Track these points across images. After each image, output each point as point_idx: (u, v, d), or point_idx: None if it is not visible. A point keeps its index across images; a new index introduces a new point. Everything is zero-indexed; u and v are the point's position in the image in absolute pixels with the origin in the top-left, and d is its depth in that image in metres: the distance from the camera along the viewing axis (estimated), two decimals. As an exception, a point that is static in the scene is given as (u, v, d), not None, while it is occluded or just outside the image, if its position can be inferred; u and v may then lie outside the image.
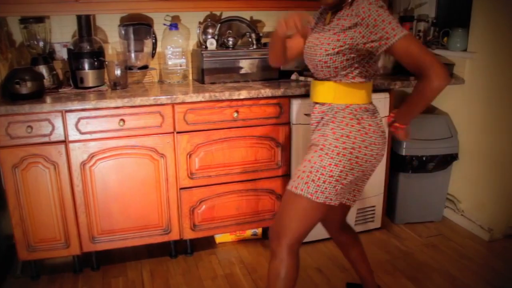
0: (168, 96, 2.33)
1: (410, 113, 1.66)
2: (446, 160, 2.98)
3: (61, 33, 2.75)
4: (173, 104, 2.36)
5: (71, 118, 2.27)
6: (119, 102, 2.28)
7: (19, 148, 2.24)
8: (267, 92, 2.46)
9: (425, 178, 2.99)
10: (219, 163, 2.52)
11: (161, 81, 2.89)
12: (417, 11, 3.47)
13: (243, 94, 2.43)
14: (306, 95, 2.53)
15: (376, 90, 2.69)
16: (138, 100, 2.30)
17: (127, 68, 2.64)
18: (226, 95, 2.40)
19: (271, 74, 2.78)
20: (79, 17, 2.57)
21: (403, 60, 1.55)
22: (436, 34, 3.25)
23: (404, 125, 1.70)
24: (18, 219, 2.31)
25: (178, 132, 2.41)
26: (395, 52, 1.53)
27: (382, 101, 2.74)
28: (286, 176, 2.64)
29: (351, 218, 2.86)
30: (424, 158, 2.92)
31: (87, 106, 2.25)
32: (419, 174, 2.97)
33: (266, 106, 2.50)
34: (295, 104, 2.54)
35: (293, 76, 2.80)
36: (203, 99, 2.38)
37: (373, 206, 2.93)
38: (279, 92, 2.48)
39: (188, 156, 2.45)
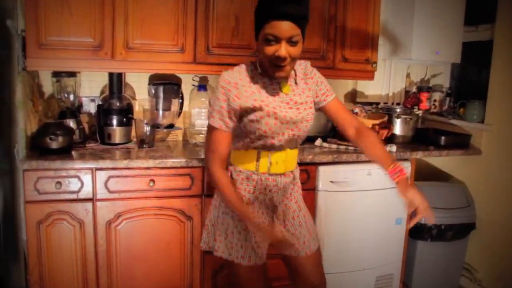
0: (200, 159, 2.34)
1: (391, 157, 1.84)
2: (464, 229, 3.00)
3: (89, 87, 2.78)
4: (203, 167, 2.36)
5: (101, 176, 2.26)
6: (150, 163, 2.28)
7: (46, 204, 2.21)
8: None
9: (443, 247, 2.99)
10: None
11: (185, 141, 2.90)
12: (433, 81, 3.58)
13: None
14: (332, 162, 2.57)
15: (398, 159, 2.75)
16: (170, 162, 2.30)
17: (155, 126, 2.66)
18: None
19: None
20: (111, 74, 2.61)
21: (341, 112, 1.86)
22: (452, 104, 3.34)
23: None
24: (38, 277, 2.25)
25: (206, 195, 2.40)
26: (332, 105, 1.84)
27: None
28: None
29: (369, 285, 2.84)
30: (442, 227, 2.93)
31: (118, 165, 2.25)
32: (437, 243, 2.97)
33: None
34: (322, 171, 2.56)
35: (317, 142, 2.83)
36: (233, 163, 2.39)
37: (391, 274, 2.91)
38: (306, 159, 2.50)
39: (215, 218, 2.43)
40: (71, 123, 2.56)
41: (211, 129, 1.74)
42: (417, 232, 2.96)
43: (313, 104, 1.84)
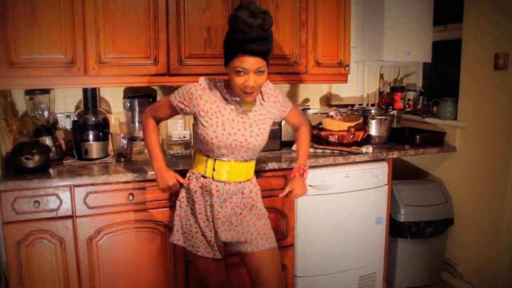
0: (179, 170, 2.35)
1: (306, 153, 2.24)
2: (443, 225, 3.06)
3: (64, 103, 2.77)
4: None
5: (80, 193, 2.25)
6: (129, 177, 2.28)
7: (25, 223, 2.19)
8: (273, 165, 2.51)
9: (423, 243, 3.05)
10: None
11: (163, 152, 2.89)
12: (406, 81, 3.64)
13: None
14: (309, 166, 2.59)
15: (374, 160, 2.79)
16: (148, 175, 2.30)
17: (132, 139, 2.66)
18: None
19: (272, 145, 2.81)
20: (85, 89, 2.60)
21: (293, 119, 2.19)
22: (426, 103, 3.41)
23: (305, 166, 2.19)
24: (20, 298, 2.23)
25: (186, 205, 2.40)
26: (289, 116, 2.14)
27: (381, 170, 2.83)
28: (289, 247, 2.65)
29: (353, 285, 2.87)
30: (421, 224, 2.99)
31: (96, 181, 2.25)
32: (417, 240, 3.03)
33: (272, 178, 2.54)
34: (300, 175, 2.59)
35: (294, 147, 2.86)
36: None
37: (374, 273, 2.95)
38: (283, 164, 2.53)
39: (196, 229, 2.44)
40: (47, 140, 2.55)
41: (165, 99, 2.05)
42: (397, 231, 3.01)
43: (271, 120, 2.03)
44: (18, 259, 2.21)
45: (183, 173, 2.14)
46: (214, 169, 1.96)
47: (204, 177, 1.98)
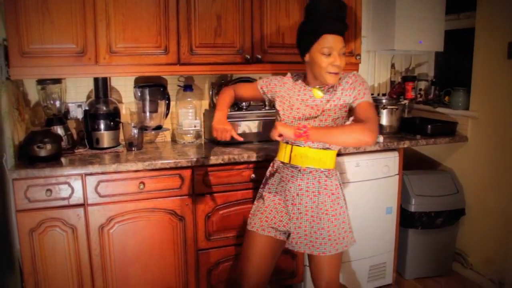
0: (189, 159, 2.36)
1: (327, 131, 1.86)
2: (454, 216, 3.04)
3: (75, 93, 2.78)
4: (192, 167, 2.38)
5: (91, 181, 2.27)
6: (139, 165, 2.29)
7: (37, 211, 2.22)
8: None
9: (434, 233, 3.04)
10: (236, 224, 2.53)
11: (174, 141, 2.92)
12: (417, 70, 3.61)
13: (260, 156, 2.47)
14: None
15: (385, 149, 2.78)
16: (158, 164, 2.31)
17: (143, 128, 2.67)
18: (244, 157, 2.44)
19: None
20: (96, 79, 2.62)
21: (358, 115, 1.94)
22: (437, 93, 3.38)
23: (311, 130, 1.84)
24: (33, 285, 2.25)
25: (196, 195, 2.42)
26: (356, 109, 1.94)
27: (392, 159, 2.81)
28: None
29: (363, 275, 2.87)
30: (432, 214, 2.97)
31: (107, 169, 2.26)
32: (428, 230, 3.01)
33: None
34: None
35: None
36: (222, 162, 2.41)
37: (384, 263, 2.94)
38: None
39: (207, 217, 2.45)
40: (59, 130, 2.57)
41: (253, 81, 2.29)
42: (407, 221, 2.99)
43: (345, 107, 1.99)
44: (31, 246, 2.23)
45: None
46: (290, 155, 2.01)
47: (283, 163, 2.06)
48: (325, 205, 2.00)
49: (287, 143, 2.03)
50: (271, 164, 2.17)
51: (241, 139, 2.11)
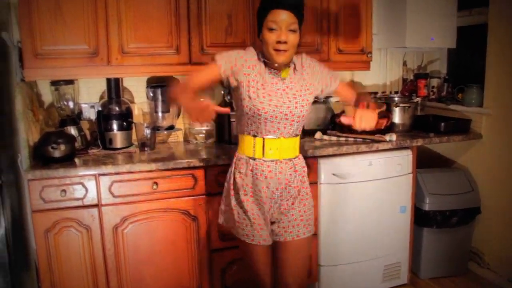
0: (201, 159, 2.36)
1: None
2: (469, 214, 3.01)
3: (88, 94, 2.80)
4: (205, 167, 2.38)
5: (105, 182, 2.28)
6: (152, 166, 2.30)
7: (52, 212, 2.23)
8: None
9: (449, 232, 3.00)
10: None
11: (186, 141, 2.92)
12: (430, 67, 3.58)
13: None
14: (332, 155, 2.59)
15: (398, 148, 2.76)
16: (171, 164, 2.32)
17: (155, 129, 2.68)
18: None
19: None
20: (108, 79, 2.63)
21: (344, 92, 2.06)
22: (450, 90, 3.34)
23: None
24: (49, 285, 2.27)
25: (209, 195, 2.41)
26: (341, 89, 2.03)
27: (405, 158, 2.79)
28: (313, 236, 2.63)
29: (377, 275, 2.85)
30: (447, 213, 2.94)
31: (121, 170, 2.27)
32: (443, 229, 2.98)
33: (295, 166, 2.52)
34: (323, 164, 2.58)
35: (317, 135, 2.84)
36: (235, 161, 2.41)
37: (398, 262, 2.92)
38: (307, 153, 2.52)
39: (220, 217, 2.45)
40: (72, 131, 2.59)
41: (210, 63, 1.89)
42: (422, 220, 2.97)
43: (312, 92, 1.94)
44: (47, 246, 2.25)
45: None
46: (263, 149, 1.88)
47: (254, 159, 1.89)
48: (298, 190, 1.96)
49: (255, 136, 1.89)
50: (235, 163, 1.96)
51: (227, 110, 1.85)
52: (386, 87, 3.51)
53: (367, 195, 2.72)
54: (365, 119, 1.87)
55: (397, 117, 3.05)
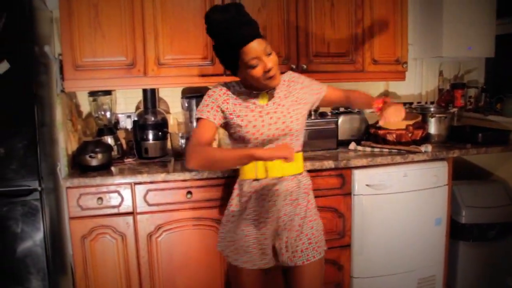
0: (234, 169, 2.38)
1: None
2: (508, 228, 2.92)
3: (125, 104, 2.87)
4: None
5: (140, 190, 2.32)
6: (187, 175, 2.33)
7: (89, 219, 2.29)
8: (330, 163, 2.48)
9: (486, 246, 2.92)
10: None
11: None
12: (467, 77, 3.51)
13: (307, 165, 2.45)
14: (367, 166, 2.56)
15: (433, 159, 2.71)
16: (205, 173, 2.34)
17: (190, 138, 2.71)
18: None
19: (329, 144, 2.81)
20: (144, 90, 2.69)
21: (338, 94, 2.04)
22: (488, 100, 3.27)
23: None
24: (85, 290, 2.34)
25: (242, 203, 2.43)
26: (328, 94, 2.00)
27: (441, 169, 2.73)
28: (346, 247, 2.61)
29: (411, 287, 2.80)
30: (484, 226, 2.86)
31: (156, 179, 2.31)
32: (480, 243, 2.90)
33: (329, 178, 2.52)
34: (357, 175, 2.55)
35: (351, 146, 2.82)
36: (267, 171, 2.41)
37: (433, 276, 2.85)
38: (341, 163, 2.50)
39: (252, 227, 2.46)
40: (109, 140, 2.66)
41: (198, 122, 1.84)
42: (458, 233, 2.90)
43: (305, 106, 1.93)
44: (83, 252, 2.31)
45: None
46: (266, 168, 1.86)
47: (257, 180, 1.87)
48: (305, 209, 1.92)
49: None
50: (237, 189, 1.95)
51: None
52: (421, 97, 3.45)
53: (401, 207, 2.67)
54: (390, 111, 1.81)
55: (432, 127, 3.00)
